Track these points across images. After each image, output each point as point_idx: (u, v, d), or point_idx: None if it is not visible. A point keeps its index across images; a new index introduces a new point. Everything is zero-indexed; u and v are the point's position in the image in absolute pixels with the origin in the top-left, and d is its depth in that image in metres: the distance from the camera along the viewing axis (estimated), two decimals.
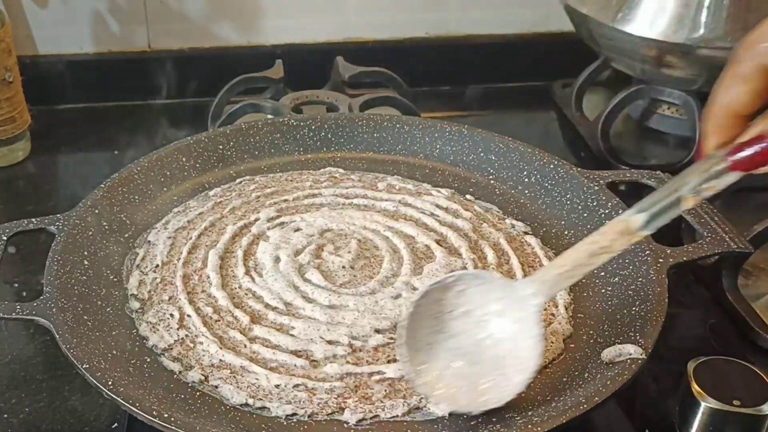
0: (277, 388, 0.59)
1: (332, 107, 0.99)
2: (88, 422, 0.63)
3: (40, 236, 0.71)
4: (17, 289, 0.76)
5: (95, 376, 0.56)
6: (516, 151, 0.83)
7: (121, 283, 0.69)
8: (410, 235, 0.75)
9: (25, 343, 0.71)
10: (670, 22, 0.89)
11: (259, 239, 0.74)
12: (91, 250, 0.69)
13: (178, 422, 0.53)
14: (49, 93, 1.06)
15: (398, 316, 0.64)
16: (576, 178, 0.78)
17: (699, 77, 0.91)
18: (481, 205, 0.80)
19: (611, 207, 0.74)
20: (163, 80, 1.09)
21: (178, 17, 1.08)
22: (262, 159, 0.85)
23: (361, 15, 1.12)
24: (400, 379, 0.60)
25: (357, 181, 0.82)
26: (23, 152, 0.97)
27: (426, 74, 1.12)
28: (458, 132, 0.86)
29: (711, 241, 0.69)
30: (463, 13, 1.14)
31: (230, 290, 0.68)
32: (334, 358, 0.62)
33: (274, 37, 1.11)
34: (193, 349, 0.62)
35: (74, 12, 1.05)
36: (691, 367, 0.61)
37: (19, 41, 1.03)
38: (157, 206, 0.77)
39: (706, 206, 0.72)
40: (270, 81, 1.01)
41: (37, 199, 0.91)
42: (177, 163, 0.81)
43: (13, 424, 0.63)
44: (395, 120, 0.88)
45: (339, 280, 0.69)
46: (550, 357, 0.63)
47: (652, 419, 0.65)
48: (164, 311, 0.66)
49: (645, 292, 0.65)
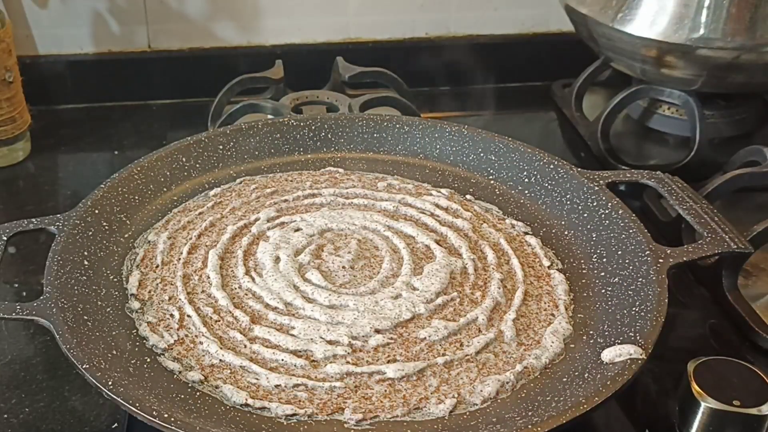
0: (277, 388, 0.59)
1: (332, 107, 0.99)
2: (88, 422, 0.63)
3: (40, 236, 0.71)
4: (17, 289, 0.77)
5: (95, 376, 0.56)
6: (516, 151, 0.83)
7: (121, 283, 0.69)
8: (410, 235, 0.75)
9: (25, 343, 0.71)
10: (670, 22, 0.89)
11: (259, 239, 0.74)
12: (91, 250, 0.69)
13: (178, 422, 0.53)
14: (49, 93, 1.06)
15: (398, 316, 0.64)
16: (576, 178, 0.78)
17: (699, 77, 0.91)
18: (481, 205, 0.80)
19: (611, 207, 0.74)
20: (163, 80, 1.09)
21: (178, 17, 1.08)
22: (262, 159, 0.85)
23: (361, 15, 1.12)
24: (400, 379, 0.60)
25: (357, 181, 0.82)
26: (23, 152, 0.97)
27: (426, 74, 1.12)
28: (458, 132, 0.86)
29: (711, 241, 0.69)
30: (463, 13, 1.14)
31: (230, 290, 0.68)
32: (334, 358, 0.62)
33: (274, 37, 1.11)
34: (193, 349, 0.62)
35: (74, 12, 1.05)
36: (691, 367, 0.61)
37: (19, 41, 1.03)
38: (157, 206, 0.77)
39: (706, 206, 0.72)
40: (270, 81, 1.01)
41: (37, 199, 0.91)
42: (177, 163, 0.81)
43: (13, 424, 0.63)
44: (395, 120, 0.88)
45: (339, 280, 0.69)
46: (550, 357, 0.63)
47: (652, 419, 0.65)
48: (164, 311, 0.66)
49: (645, 292, 0.65)
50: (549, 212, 0.79)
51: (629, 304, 0.65)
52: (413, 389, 0.60)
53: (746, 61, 0.88)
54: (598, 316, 0.66)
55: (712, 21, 0.88)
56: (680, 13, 0.89)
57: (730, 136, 0.99)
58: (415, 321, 0.65)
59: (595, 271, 0.71)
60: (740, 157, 0.88)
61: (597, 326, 0.65)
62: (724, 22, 0.87)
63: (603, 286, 0.69)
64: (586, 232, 0.75)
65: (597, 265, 0.71)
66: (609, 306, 0.67)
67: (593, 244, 0.73)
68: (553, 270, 0.72)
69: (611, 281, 0.69)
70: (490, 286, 0.69)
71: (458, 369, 0.61)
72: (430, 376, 0.61)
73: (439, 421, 0.58)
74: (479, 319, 0.66)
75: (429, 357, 0.62)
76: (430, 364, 0.61)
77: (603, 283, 0.69)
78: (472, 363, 0.62)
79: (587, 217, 0.76)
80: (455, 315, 0.66)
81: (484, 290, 0.69)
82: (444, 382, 0.60)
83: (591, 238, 0.74)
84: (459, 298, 0.68)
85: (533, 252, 0.74)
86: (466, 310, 0.66)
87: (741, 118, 1.00)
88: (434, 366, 0.61)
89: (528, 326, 0.66)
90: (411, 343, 0.63)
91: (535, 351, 0.63)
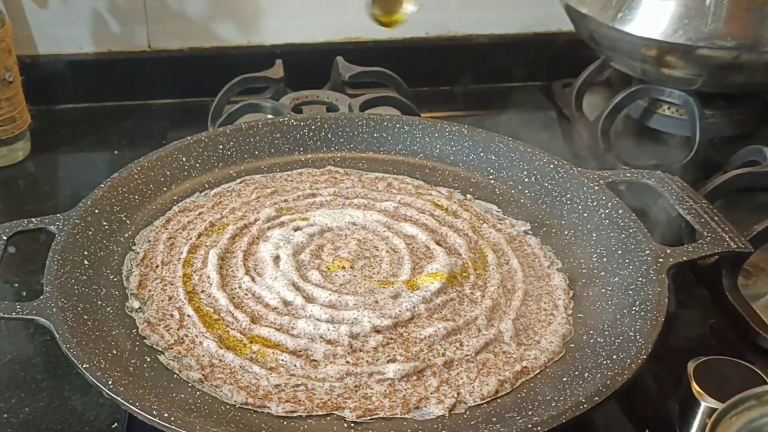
0: (276, 388, 0.59)
1: (332, 107, 0.99)
2: (88, 422, 0.63)
3: (40, 236, 0.71)
4: (17, 289, 0.77)
5: (95, 375, 0.56)
6: (516, 151, 0.83)
7: (121, 282, 0.69)
8: (410, 235, 0.75)
9: (25, 343, 0.71)
10: (670, 22, 0.89)
11: (259, 239, 0.74)
12: (91, 250, 0.69)
13: (178, 422, 0.53)
14: (49, 93, 1.06)
15: (398, 316, 0.64)
16: (576, 177, 0.78)
17: (699, 77, 0.91)
18: (481, 205, 0.80)
19: (611, 207, 0.74)
20: (163, 80, 1.09)
21: (178, 17, 1.08)
22: (262, 159, 0.85)
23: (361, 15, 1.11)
24: (400, 379, 0.60)
25: (357, 181, 0.82)
26: (23, 152, 0.97)
27: (426, 74, 1.12)
28: (458, 132, 0.86)
29: (711, 241, 0.69)
30: (463, 13, 1.14)
31: (230, 290, 0.68)
32: (334, 358, 0.62)
33: (274, 37, 1.11)
34: (192, 348, 0.62)
35: (74, 12, 1.05)
36: (691, 367, 0.61)
37: (19, 41, 1.03)
38: (157, 206, 0.77)
39: (706, 206, 0.72)
40: (270, 81, 1.01)
41: (37, 199, 0.91)
42: (177, 163, 0.81)
43: (13, 424, 0.63)
44: (395, 120, 0.88)
45: (339, 279, 0.69)
46: (549, 357, 0.63)
47: (652, 419, 0.65)
48: (164, 311, 0.66)
49: (645, 291, 0.65)
50: (549, 212, 0.79)
51: (629, 303, 0.65)
52: (413, 389, 0.60)
53: (746, 61, 0.88)
54: (598, 316, 0.66)
55: (712, 21, 0.88)
56: (680, 13, 0.89)
57: (730, 135, 0.98)
58: (415, 321, 0.65)
59: (595, 271, 0.71)
60: (740, 157, 0.88)
61: (597, 326, 0.65)
62: (724, 22, 0.87)
63: (603, 285, 0.69)
64: (586, 232, 0.75)
65: (597, 265, 0.71)
66: (609, 306, 0.67)
67: (593, 244, 0.73)
68: (552, 270, 0.72)
69: (611, 281, 0.69)
70: (489, 286, 0.69)
71: (458, 369, 0.61)
72: (430, 376, 0.61)
73: (439, 420, 0.58)
74: (479, 319, 0.65)
75: (429, 357, 0.62)
76: (430, 364, 0.61)
77: (603, 283, 0.69)
78: (471, 363, 0.62)
79: (587, 216, 0.76)
80: (455, 315, 0.66)
81: (484, 290, 0.69)
82: (444, 382, 0.60)
83: (591, 237, 0.74)
84: (459, 298, 0.68)
85: (533, 252, 0.74)
86: (466, 310, 0.66)
87: (741, 118, 1.00)
88: (434, 366, 0.61)
89: (528, 326, 0.66)
90: (411, 343, 0.63)
91: (534, 351, 0.63)
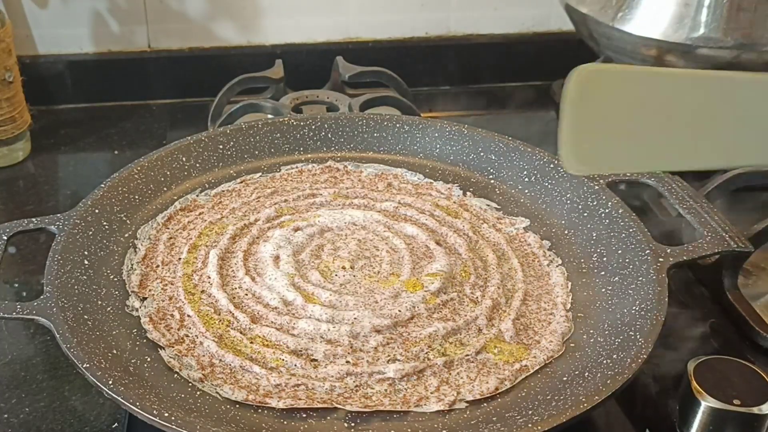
0: (276, 387, 0.59)
1: (332, 107, 0.99)
2: (88, 422, 0.63)
3: (40, 236, 0.71)
4: (17, 289, 0.77)
5: (95, 375, 0.56)
6: (516, 151, 0.83)
7: (121, 282, 0.69)
8: (410, 235, 0.75)
9: (25, 343, 0.71)
10: (670, 22, 0.89)
11: (259, 239, 0.74)
12: (91, 250, 0.69)
13: (179, 421, 0.53)
14: (49, 93, 1.06)
15: (398, 316, 0.64)
16: (576, 177, 0.78)
17: None
18: (481, 204, 0.80)
19: (611, 207, 0.74)
20: (163, 80, 1.09)
21: (178, 17, 1.08)
22: (262, 159, 0.85)
23: (361, 15, 1.12)
24: (400, 378, 0.60)
25: (357, 181, 0.82)
26: (23, 152, 0.97)
27: (426, 74, 1.12)
28: (458, 132, 0.86)
29: (711, 241, 0.69)
30: (463, 13, 1.14)
31: (230, 290, 0.68)
32: (334, 357, 0.62)
33: (274, 37, 1.11)
34: (193, 348, 0.62)
35: (74, 12, 1.05)
36: (691, 366, 0.61)
37: (19, 41, 1.03)
38: (157, 206, 0.77)
39: (706, 205, 0.72)
40: (270, 81, 1.01)
41: (37, 199, 0.91)
42: (177, 162, 0.81)
43: (13, 424, 0.63)
44: (395, 120, 0.88)
45: (339, 279, 0.69)
46: (549, 356, 0.63)
47: (652, 419, 0.65)
48: (164, 311, 0.66)
49: (645, 291, 0.65)
50: (549, 211, 0.79)
51: (629, 303, 0.65)
52: (413, 389, 0.60)
53: (746, 60, 0.88)
54: (598, 316, 0.66)
55: (712, 20, 0.88)
56: (680, 13, 0.89)
57: None
58: (415, 321, 0.65)
59: (595, 270, 0.71)
60: None
61: (597, 325, 0.65)
62: (724, 22, 0.87)
63: (603, 285, 0.69)
64: (586, 231, 0.75)
65: (597, 264, 0.71)
66: (609, 305, 0.67)
67: (593, 243, 0.73)
68: (552, 269, 0.72)
69: (611, 280, 0.69)
70: (489, 286, 0.69)
71: (458, 369, 0.61)
72: (430, 376, 0.61)
73: (440, 420, 0.58)
74: (479, 319, 0.65)
75: (429, 357, 0.62)
76: (430, 363, 0.61)
77: (603, 283, 0.69)
78: (472, 363, 0.62)
79: (587, 216, 0.76)
80: (455, 315, 0.66)
81: (484, 290, 0.69)
82: (444, 382, 0.60)
83: (591, 237, 0.74)
84: (459, 298, 0.68)
85: (533, 252, 0.74)
86: (466, 310, 0.66)
87: None
88: (434, 366, 0.61)
89: (528, 326, 0.66)
90: (411, 342, 0.63)
91: (534, 351, 0.63)
